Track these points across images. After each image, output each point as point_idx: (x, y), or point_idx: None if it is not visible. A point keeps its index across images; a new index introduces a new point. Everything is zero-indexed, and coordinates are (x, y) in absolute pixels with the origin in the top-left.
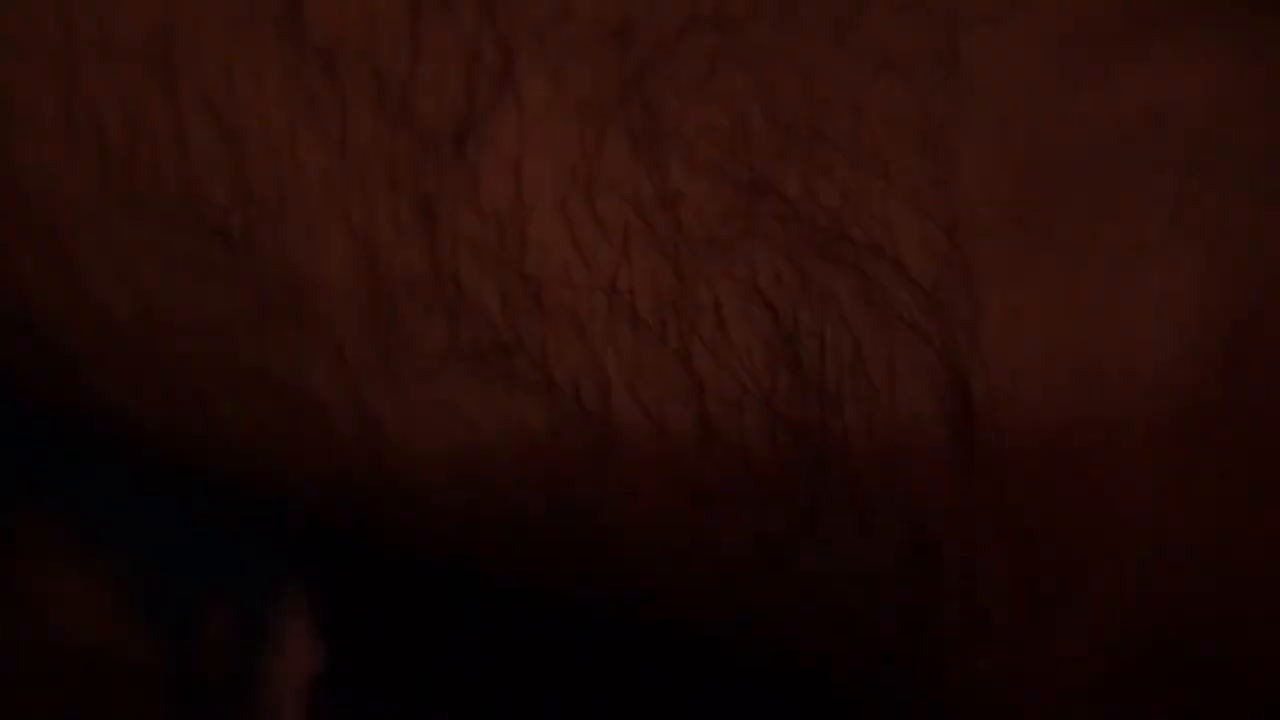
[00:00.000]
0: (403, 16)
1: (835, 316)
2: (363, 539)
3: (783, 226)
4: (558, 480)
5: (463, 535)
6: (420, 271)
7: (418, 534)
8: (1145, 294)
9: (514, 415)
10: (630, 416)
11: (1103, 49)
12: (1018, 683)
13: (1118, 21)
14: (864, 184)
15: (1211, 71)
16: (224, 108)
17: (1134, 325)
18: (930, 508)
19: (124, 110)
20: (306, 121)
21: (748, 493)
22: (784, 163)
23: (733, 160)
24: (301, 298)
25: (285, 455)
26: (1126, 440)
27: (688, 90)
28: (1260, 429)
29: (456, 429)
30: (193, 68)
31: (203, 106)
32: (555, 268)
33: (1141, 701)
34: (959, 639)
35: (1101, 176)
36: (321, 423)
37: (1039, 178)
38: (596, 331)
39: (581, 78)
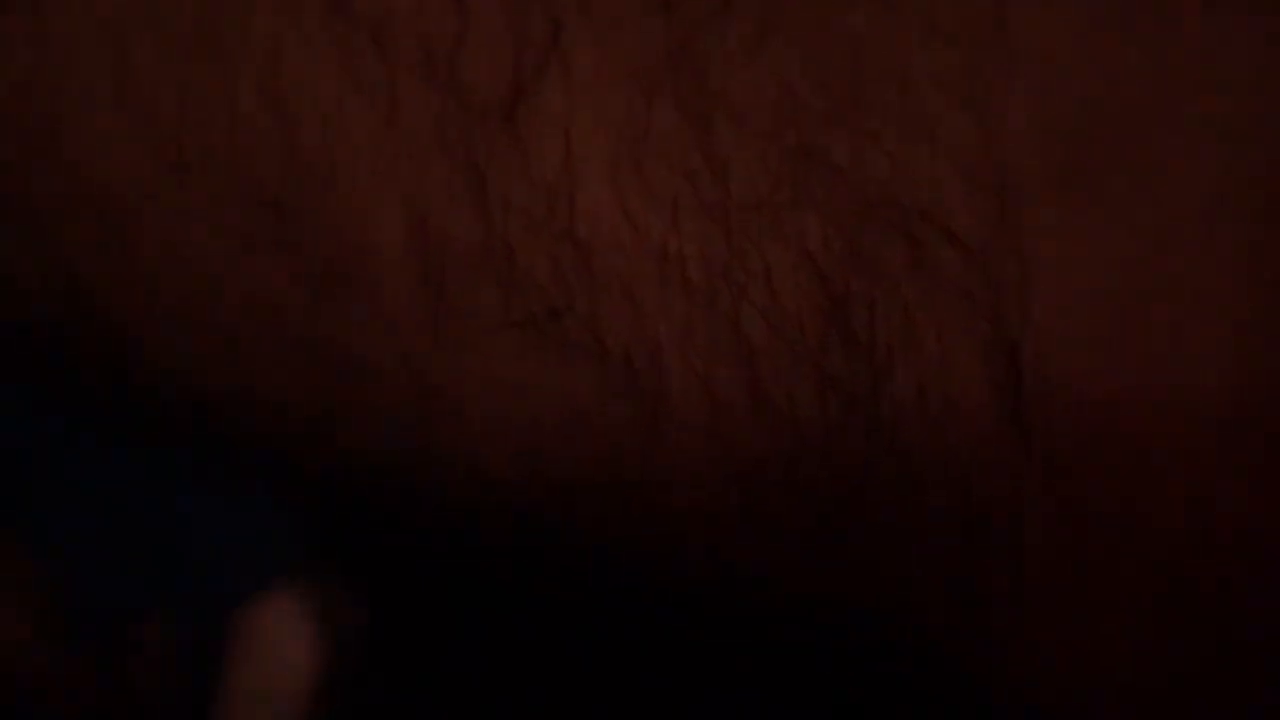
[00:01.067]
0: None
1: (885, 282)
2: (414, 512)
3: (832, 193)
4: (609, 447)
5: (516, 504)
6: (471, 240)
7: (472, 504)
8: (1191, 275)
9: (566, 383)
10: (681, 383)
11: (1145, 19)
12: (1065, 653)
13: None
14: (912, 149)
15: (1259, 35)
16: (272, 78)
17: (1181, 291)
18: (979, 474)
19: (173, 83)
20: (355, 91)
21: (799, 460)
22: (832, 129)
23: (781, 127)
24: (353, 268)
25: (338, 425)
26: (1175, 409)
27: (734, 58)
28: None
29: (509, 397)
30: (241, 39)
31: (251, 77)
32: (605, 235)
33: (1185, 675)
34: (1007, 609)
35: (1150, 140)
36: (375, 392)
37: (1086, 141)
38: (647, 298)
39: (628, 46)
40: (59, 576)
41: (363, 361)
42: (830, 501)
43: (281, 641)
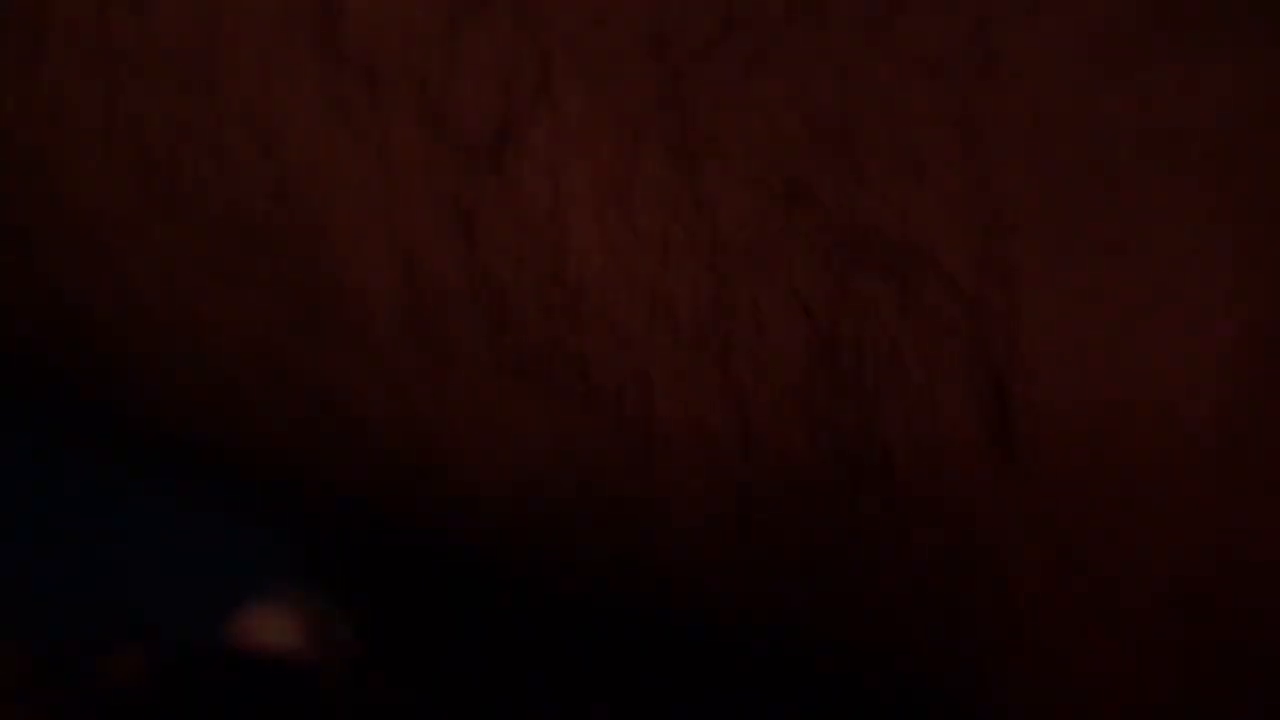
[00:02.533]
0: (441, 28)
1: (873, 320)
2: (402, 540)
3: (820, 232)
4: (604, 487)
5: (507, 540)
6: (460, 280)
7: (461, 539)
8: (1181, 301)
9: (556, 421)
10: (673, 423)
11: (1137, 48)
12: (1053, 685)
13: (1151, 20)
14: (901, 186)
15: (1246, 71)
16: (263, 117)
17: (1170, 332)
18: (968, 510)
19: (163, 120)
20: (345, 131)
21: (788, 496)
22: (820, 167)
23: (769, 167)
24: (342, 307)
25: (326, 459)
26: (1162, 445)
27: (723, 98)
28: None
29: (500, 436)
30: (231, 78)
31: (241, 117)
32: (594, 275)
33: (1180, 700)
34: (996, 642)
35: (1140, 176)
36: (363, 428)
37: (1077, 178)
38: (636, 338)
39: (617, 87)
40: (23, 619)
41: (351, 397)
42: (819, 536)
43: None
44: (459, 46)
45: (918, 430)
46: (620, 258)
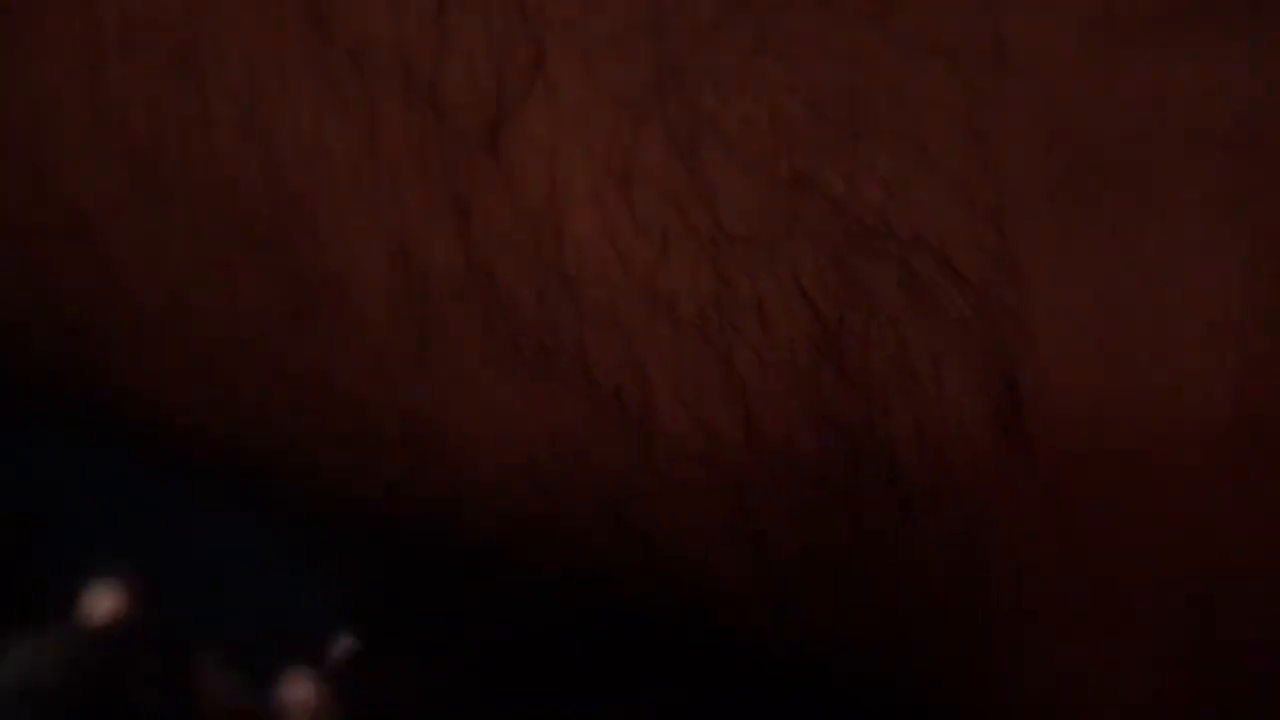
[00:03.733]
0: (430, 8)
1: (880, 313)
2: (396, 530)
3: (825, 222)
4: (603, 481)
5: (505, 532)
6: (455, 268)
7: (456, 529)
8: (1191, 290)
9: (555, 415)
10: (673, 416)
11: (1148, 30)
12: (1064, 686)
13: (1163, 8)
14: (907, 175)
15: (1261, 59)
16: (250, 102)
17: (1180, 322)
18: (978, 505)
19: (149, 105)
20: (335, 116)
21: (794, 491)
22: (825, 156)
23: (772, 155)
24: (334, 294)
25: (319, 448)
26: (1173, 437)
27: (724, 83)
28: None
29: (496, 428)
30: (217, 62)
31: (228, 101)
32: (592, 266)
33: (1193, 693)
34: (1007, 640)
35: (1149, 163)
36: (356, 418)
37: (1085, 165)
38: (637, 331)
39: (615, 70)
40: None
41: (344, 388)
42: (825, 533)
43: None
44: (450, 28)
45: (926, 424)
46: (619, 246)
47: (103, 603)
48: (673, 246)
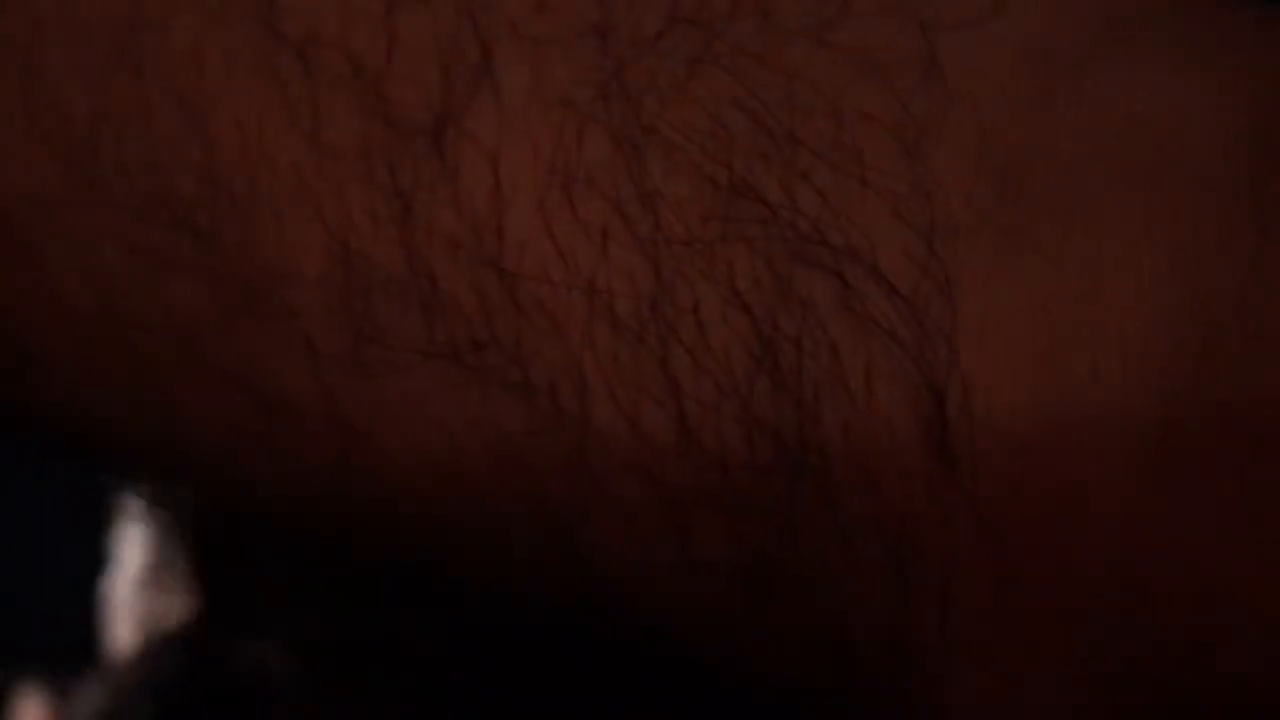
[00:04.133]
0: (378, 5)
1: (813, 322)
2: (335, 539)
3: (762, 230)
4: (535, 484)
5: (439, 539)
6: (395, 266)
7: (392, 535)
8: (1117, 305)
9: (489, 415)
10: (607, 419)
11: (1078, 58)
12: (995, 701)
13: (1092, 30)
14: (843, 188)
15: (1178, 78)
16: (192, 95)
17: (1106, 336)
18: (907, 516)
19: (87, 96)
20: (278, 111)
21: (725, 499)
22: (764, 165)
23: (712, 162)
24: (272, 292)
25: (253, 451)
26: (1101, 450)
27: (667, 90)
28: (1233, 437)
29: (430, 429)
30: (160, 54)
31: (170, 93)
32: (533, 265)
33: None
34: (935, 654)
35: (1076, 185)
36: (291, 420)
37: (1017, 185)
38: (574, 331)
39: (560, 73)
40: None
41: (280, 387)
42: (758, 541)
43: None
44: (396, 24)
45: (857, 434)
46: (560, 248)
47: None
48: (612, 248)
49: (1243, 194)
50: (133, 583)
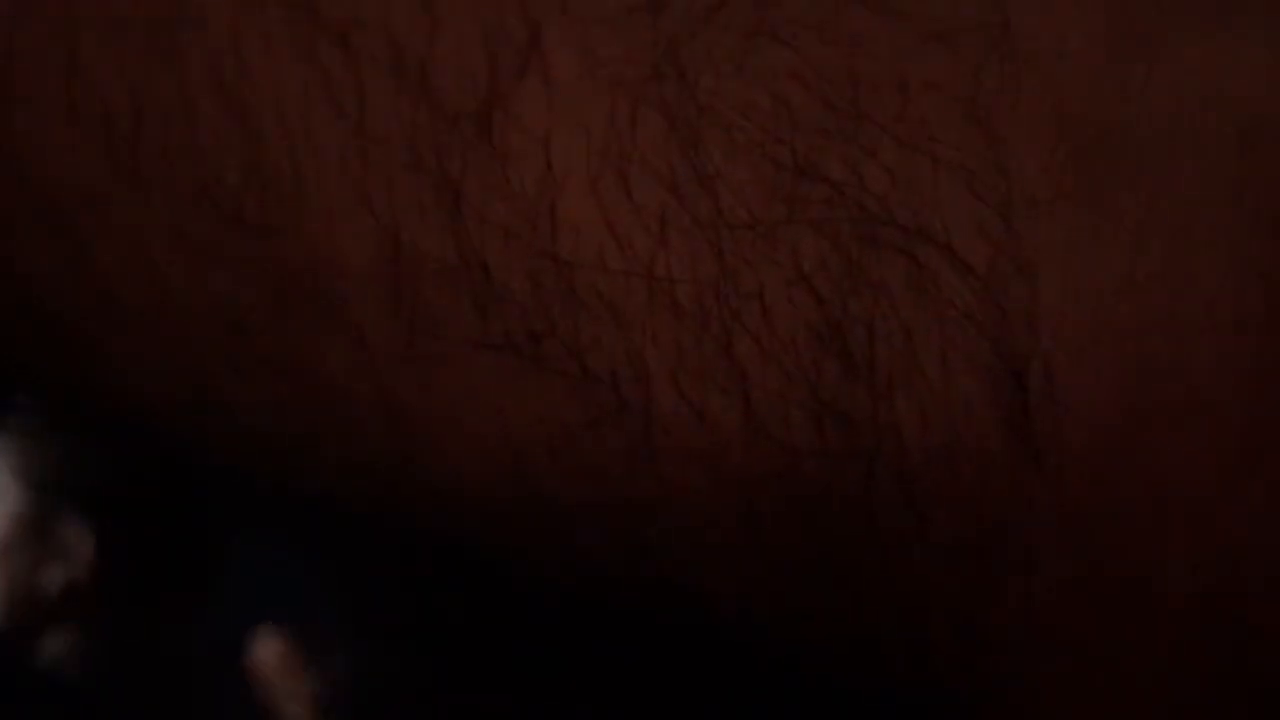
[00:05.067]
0: None
1: (884, 304)
2: (387, 528)
3: (828, 210)
4: (597, 475)
5: (496, 529)
6: (445, 255)
7: (445, 527)
8: (1206, 281)
9: (548, 405)
10: (671, 408)
11: (1157, 22)
12: (1079, 690)
13: (1171, 5)
14: (912, 164)
15: (1265, 51)
16: (234, 84)
17: (1193, 314)
18: (987, 502)
19: (128, 87)
20: (321, 99)
21: (796, 487)
22: (828, 143)
23: (773, 141)
24: (320, 283)
25: (303, 442)
26: (1189, 429)
27: (723, 66)
28: None
29: (488, 421)
30: (199, 44)
31: (211, 83)
32: (588, 252)
33: (1204, 709)
34: (1016, 643)
35: (1160, 157)
36: (342, 411)
37: (1094, 154)
38: (634, 320)
39: (611, 51)
40: None
41: (330, 379)
42: (832, 530)
43: None
44: (440, 9)
45: (933, 420)
46: (616, 232)
47: None
48: (671, 233)
49: None
50: None
